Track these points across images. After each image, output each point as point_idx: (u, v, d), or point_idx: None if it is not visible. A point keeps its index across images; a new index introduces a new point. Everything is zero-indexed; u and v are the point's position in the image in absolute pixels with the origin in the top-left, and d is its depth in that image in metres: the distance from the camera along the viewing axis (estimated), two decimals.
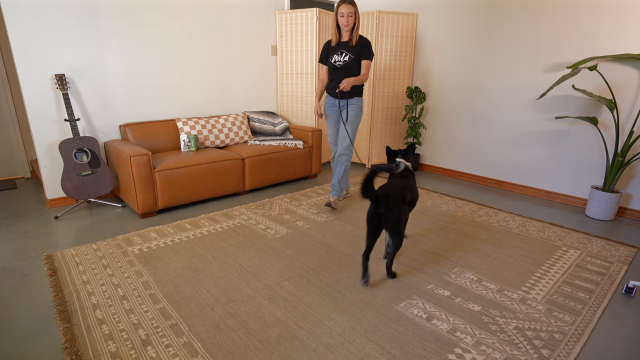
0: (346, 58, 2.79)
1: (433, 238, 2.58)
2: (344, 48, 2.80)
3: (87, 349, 1.51)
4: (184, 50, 3.53)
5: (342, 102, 2.91)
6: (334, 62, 2.85)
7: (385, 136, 4.41)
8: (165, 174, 2.87)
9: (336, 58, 2.83)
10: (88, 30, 2.98)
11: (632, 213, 3.04)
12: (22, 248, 2.38)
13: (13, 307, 1.79)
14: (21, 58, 2.74)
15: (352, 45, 2.77)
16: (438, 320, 1.71)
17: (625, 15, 2.83)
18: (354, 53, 2.77)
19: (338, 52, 2.82)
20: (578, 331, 1.67)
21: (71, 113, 2.80)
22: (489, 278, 2.09)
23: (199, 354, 1.49)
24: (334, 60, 2.84)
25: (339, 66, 2.83)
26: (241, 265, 2.18)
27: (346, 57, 2.79)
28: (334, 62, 2.85)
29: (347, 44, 2.79)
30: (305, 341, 1.57)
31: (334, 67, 2.86)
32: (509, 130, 3.65)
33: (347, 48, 2.79)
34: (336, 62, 2.84)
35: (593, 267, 2.23)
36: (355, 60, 2.78)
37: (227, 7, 3.73)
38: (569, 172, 3.33)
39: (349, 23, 2.70)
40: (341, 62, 2.81)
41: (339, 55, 2.82)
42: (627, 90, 2.91)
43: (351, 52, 2.78)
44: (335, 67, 2.85)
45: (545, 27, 3.23)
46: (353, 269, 2.15)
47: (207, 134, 3.50)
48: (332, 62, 2.86)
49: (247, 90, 4.10)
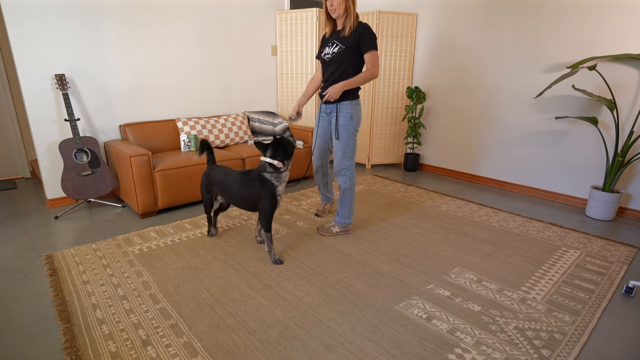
0: (335, 49, 2.27)
1: (433, 238, 2.58)
2: (336, 38, 2.30)
3: (87, 349, 1.51)
4: (184, 50, 3.53)
5: (329, 107, 2.39)
6: (323, 56, 2.36)
7: (385, 136, 4.41)
8: (165, 174, 2.87)
9: (326, 50, 2.34)
10: (88, 30, 2.98)
11: (632, 213, 3.04)
12: (22, 248, 2.38)
13: (13, 307, 1.79)
14: (21, 58, 2.74)
15: (344, 34, 2.25)
16: (438, 320, 1.71)
17: (627, 16, 2.83)
18: (346, 43, 2.25)
19: (330, 43, 2.33)
20: (578, 331, 1.67)
21: (71, 113, 2.80)
22: (489, 278, 2.09)
23: (199, 354, 1.49)
24: (324, 53, 2.35)
25: (327, 59, 2.33)
26: (241, 265, 2.18)
27: (335, 48, 2.28)
28: (323, 55, 2.35)
29: (340, 33, 2.29)
30: (305, 341, 1.57)
31: (323, 61, 2.37)
32: (509, 130, 3.65)
33: (338, 37, 2.28)
34: (325, 55, 2.34)
35: (593, 267, 2.23)
36: (346, 52, 2.25)
37: (227, 7, 3.73)
38: (569, 172, 3.33)
39: (334, 7, 2.20)
40: (330, 54, 2.31)
41: (329, 46, 2.33)
42: (627, 90, 2.91)
43: (342, 42, 2.26)
44: (325, 60, 2.35)
45: (546, 27, 3.23)
46: (353, 269, 2.15)
47: (207, 134, 3.50)
48: (322, 56, 2.37)
49: (247, 90, 4.10)
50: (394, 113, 4.37)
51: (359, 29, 2.21)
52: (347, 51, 2.25)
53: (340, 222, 2.56)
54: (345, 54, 2.25)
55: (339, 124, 2.35)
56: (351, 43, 2.24)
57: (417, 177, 4.16)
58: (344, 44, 2.25)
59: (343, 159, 2.40)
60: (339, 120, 2.35)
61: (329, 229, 2.58)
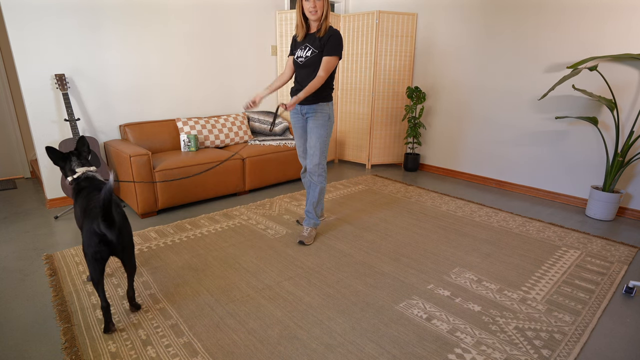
0: (308, 53, 2.29)
1: (433, 238, 2.58)
2: (309, 42, 2.30)
3: (87, 348, 1.51)
4: (184, 50, 3.53)
5: (304, 109, 2.41)
6: (297, 59, 2.37)
7: (385, 136, 4.41)
8: (165, 174, 2.87)
9: (299, 53, 2.35)
10: (88, 30, 2.98)
11: (632, 213, 3.04)
12: (22, 248, 2.38)
13: (13, 307, 1.79)
14: (21, 58, 2.74)
15: (319, 36, 2.25)
16: (438, 320, 1.71)
17: (627, 16, 2.83)
18: (319, 47, 2.25)
19: (302, 47, 2.34)
20: (578, 331, 1.67)
21: (71, 113, 2.79)
22: (489, 278, 2.09)
23: (199, 354, 1.49)
24: (297, 56, 2.36)
25: (301, 63, 2.34)
26: (241, 265, 2.18)
27: (309, 52, 2.29)
28: (297, 58, 2.37)
29: (313, 36, 2.28)
30: (305, 341, 1.57)
31: (297, 64, 2.39)
32: (509, 130, 3.65)
33: (312, 42, 2.29)
34: (299, 59, 2.35)
35: (593, 267, 2.23)
36: (318, 56, 2.27)
37: (227, 7, 3.73)
38: (569, 172, 3.33)
39: (316, 8, 2.16)
40: (303, 58, 2.32)
41: (302, 49, 2.33)
42: (627, 90, 2.91)
43: (315, 46, 2.26)
44: (298, 64, 2.37)
45: (546, 26, 3.23)
46: (353, 269, 2.15)
47: (207, 134, 3.50)
48: (296, 59, 2.39)
49: (247, 90, 4.10)
50: (394, 113, 4.37)
51: (329, 33, 2.24)
52: (321, 55, 2.27)
53: (317, 223, 2.55)
54: (318, 57, 2.27)
55: (318, 124, 2.38)
56: (323, 46, 2.26)
57: (417, 177, 4.16)
58: (317, 48, 2.27)
59: (321, 158, 2.43)
60: (317, 120, 2.38)
61: (309, 237, 2.50)
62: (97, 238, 1.48)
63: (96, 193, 1.66)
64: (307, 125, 2.47)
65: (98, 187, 1.72)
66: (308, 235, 2.49)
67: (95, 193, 1.66)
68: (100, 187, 1.72)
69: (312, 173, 2.45)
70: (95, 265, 1.51)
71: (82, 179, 1.78)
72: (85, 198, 1.65)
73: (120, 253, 1.57)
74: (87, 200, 1.63)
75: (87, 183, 1.75)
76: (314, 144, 2.40)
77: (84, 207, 1.62)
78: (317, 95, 2.35)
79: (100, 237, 1.49)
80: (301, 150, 2.62)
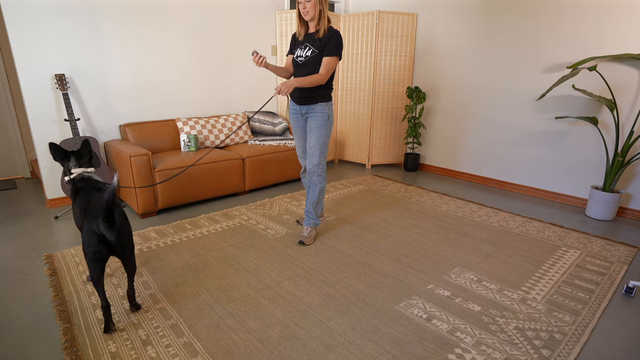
0: (308, 53, 2.31)
1: (433, 238, 2.58)
2: (308, 41, 2.33)
3: (87, 348, 1.51)
4: (184, 50, 3.53)
5: (303, 109, 2.42)
6: (296, 58, 2.39)
7: (385, 136, 4.41)
8: (165, 174, 2.87)
9: (299, 53, 2.37)
10: (88, 30, 2.98)
11: (632, 213, 3.04)
12: (22, 248, 2.38)
13: (13, 307, 1.79)
14: (21, 58, 2.74)
15: (318, 37, 2.28)
16: (438, 320, 1.71)
17: (627, 16, 2.83)
18: (319, 47, 2.28)
19: (302, 46, 2.36)
20: (578, 331, 1.67)
21: (71, 113, 2.79)
22: (489, 278, 2.09)
23: (199, 354, 1.49)
24: (297, 55, 2.38)
25: (300, 62, 2.36)
26: (241, 265, 2.18)
27: (308, 51, 2.31)
28: (296, 57, 2.39)
29: (313, 37, 2.32)
30: (305, 341, 1.57)
31: (296, 63, 2.40)
32: (509, 130, 3.65)
33: (311, 41, 2.32)
34: (298, 58, 2.37)
35: (593, 267, 2.23)
36: (318, 56, 2.29)
37: (227, 7, 3.73)
38: (569, 172, 3.33)
39: (307, 10, 2.21)
40: (303, 57, 2.34)
41: (302, 49, 2.36)
42: (627, 90, 2.91)
43: (315, 46, 2.29)
44: (297, 63, 2.38)
45: (546, 26, 3.23)
46: (353, 269, 2.15)
47: (207, 134, 3.50)
48: (295, 58, 2.41)
49: (247, 90, 4.10)
50: (394, 113, 4.37)
51: (330, 33, 2.25)
52: (319, 55, 2.28)
53: (317, 223, 2.55)
54: (318, 57, 2.29)
55: (318, 124, 2.38)
56: (323, 47, 2.27)
57: (417, 177, 4.16)
58: (317, 48, 2.28)
59: (320, 158, 2.43)
60: (313, 122, 2.38)
61: (309, 237, 2.50)
62: (97, 238, 1.49)
63: (95, 193, 1.67)
64: (306, 125, 2.47)
65: (95, 187, 1.73)
66: (308, 235, 2.49)
67: (94, 193, 1.67)
68: (98, 187, 1.73)
69: (312, 173, 2.45)
70: (95, 265, 1.52)
71: (78, 180, 1.80)
72: (84, 198, 1.66)
73: (120, 253, 1.58)
74: (86, 201, 1.64)
75: (84, 184, 1.76)
76: (314, 144, 2.40)
77: (83, 207, 1.63)
78: (316, 95, 2.34)
79: (100, 237, 1.49)
80: (301, 151, 2.62)
